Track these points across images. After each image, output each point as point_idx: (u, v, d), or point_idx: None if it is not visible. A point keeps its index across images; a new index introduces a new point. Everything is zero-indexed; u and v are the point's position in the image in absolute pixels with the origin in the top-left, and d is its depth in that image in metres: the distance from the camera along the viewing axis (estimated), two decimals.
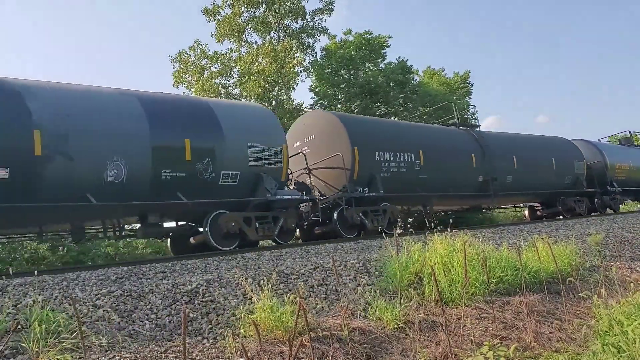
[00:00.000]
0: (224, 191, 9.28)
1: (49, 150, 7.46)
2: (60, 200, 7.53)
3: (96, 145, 7.90)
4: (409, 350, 4.72)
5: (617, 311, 4.77)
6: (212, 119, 9.34)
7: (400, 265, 6.17)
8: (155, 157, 8.42)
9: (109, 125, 8.12)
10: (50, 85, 8.20)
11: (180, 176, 8.68)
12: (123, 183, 8.09)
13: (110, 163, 7.98)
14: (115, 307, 4.81)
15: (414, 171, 12.37)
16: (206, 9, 24.00)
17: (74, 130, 7.74)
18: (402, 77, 27.99)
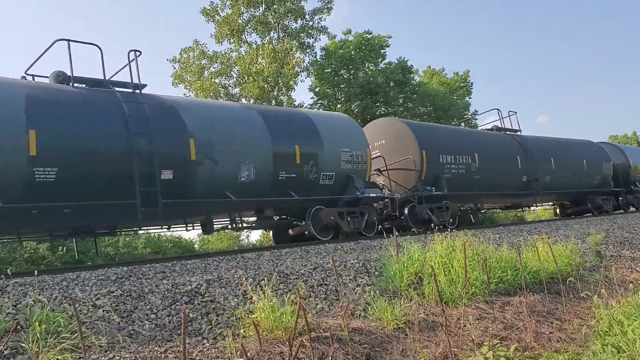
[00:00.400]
0: (323, 189, 10.91)
1: (201, 156, 8.97)
2: (206, 196, 9.13)
3: (234, 151, 9.51)
4: (409, 351, 4.72)
5: (617, 311, 4.77)
6: (313, 128, 11.12)
7: (400, 266, 6.17)
8: (275, 161, 10.06)
9: (242, 134, 9.80)
10: (195, 100, 10.99)
11: (292, 177, 10.32)
12: (252, 182, 9.70)
13: (243, 166, 9.58)
14: (115, 307, 4.81)
15: (470, 172, 13.90)
16: (205, 10, 23.98)
17: (218, 139, 9.32)
18: (402, 77, 27.97)
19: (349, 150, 11.32)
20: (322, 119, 11.67)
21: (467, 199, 14.46)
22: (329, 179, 10.93)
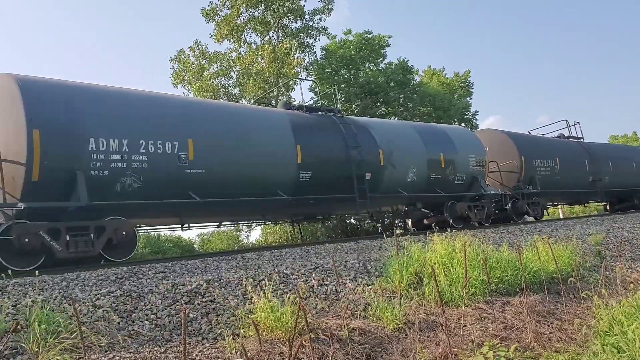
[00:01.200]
0: (456, 188, 14.09)
1: (385, 162, 12.39)
2: (387, 192, 12.52)
3: (405, 159, 12.90)
4: (409, 351, 4.72)
5: (617, 311, 4.76)
6: (449, 139, 14.45)
7: (400, 266, 6.17)
8: (428, 166, 13.39)
9: (408, 145, 13.27)
10: (377, 121, 14.45)
11: (438, 177, 13.61)
12: (414, 182, 13.07)
13: (410, 169, 12.92)
14: (115, 307, 4.80)
15: (553, 174, 17.07)
16: (204, 10, 23.96)
17: (395, 150, 12.71)
18: (402, 77, 27.97)
19: (474, 156, 14.53)
20: (453, 132, 15.16)
21: (550, 196, 17.80)
22: (460, 179, 14.15)
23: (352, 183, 11.38)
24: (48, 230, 7.24)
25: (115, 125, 8.19)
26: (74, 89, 8.26)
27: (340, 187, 11.29)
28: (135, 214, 8.64)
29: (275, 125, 10.88)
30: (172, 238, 18.83)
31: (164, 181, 8.62)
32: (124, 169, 8.13)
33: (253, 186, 9.93)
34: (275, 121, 11.04)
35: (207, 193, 9.10)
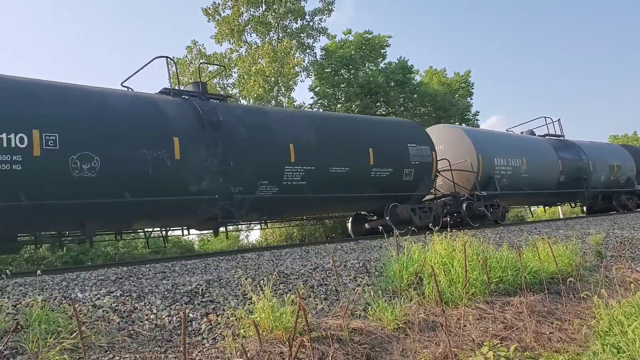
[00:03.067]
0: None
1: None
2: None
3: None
4: (409, 351, 4.72)
5: (617, 311, 4.76)
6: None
7: (400, 266, 6.17)
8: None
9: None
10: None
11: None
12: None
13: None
14: (115, 307, 4.80)
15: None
16: (206, 9, 23.96)
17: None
18: (403, 77, 27.98)
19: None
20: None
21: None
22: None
23: None
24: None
25: None
26: None
27: None
28: None
29: None
30: (172, 238, 18.84)
31: None
32: None
33: None
34: None
35: None
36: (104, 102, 8.14)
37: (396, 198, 11.72)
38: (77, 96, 7.97)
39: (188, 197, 8.56)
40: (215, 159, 8.84)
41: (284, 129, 10.21)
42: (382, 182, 11.52)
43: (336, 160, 10.66)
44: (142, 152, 8.07)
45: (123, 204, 7.92)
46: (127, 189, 7.92)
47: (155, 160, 8.16)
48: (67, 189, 7.36)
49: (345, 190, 10.85)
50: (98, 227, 8.54)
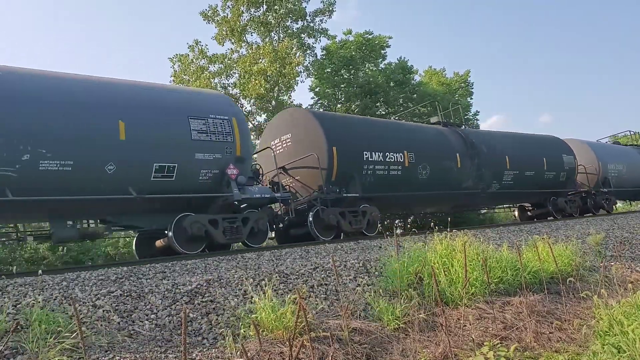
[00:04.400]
0: None
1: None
2: None
3: None
4: (409, 351, 4.72)
5: (617, 311, 4.77)
6: None
7: (400, 265, 6.17)
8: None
9: None
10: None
11: None
12: None
13: None
14: (115, 307, 4.81)
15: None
16: (204, 12, 23.95)
17: None
18: (402, 77, 28.00)
19: None
20: None
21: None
22: None
23: None
24: None
25: None
26: None
27: None
28: None
29: None
30: None
31: None
32: None
33: None
34: None
35: None
36: (427, 133, 13.73)
37: (554, 193, 16.31)
38: (421, 129, 14.03)
39: (463, 191, 13.82)
40: (474, 167, 14.01)
41: (502, 146, 15.16)
42: (549, 182, 16.39)
43: (528, 166, 15.59)
44: (445, 163, 13.22)
45: (435, 194, 12.99)
46: (439, 186, 12.99)
47: (449, 168, 13.29)
48: (410, 187, 12.29)
49: (533, 188, 15.88)
50: (420, 210, 16.43)
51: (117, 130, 7.77)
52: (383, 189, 11.56)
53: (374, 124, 12.98)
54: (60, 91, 7.60)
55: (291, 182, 11.25)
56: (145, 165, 8.06)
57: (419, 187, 12.40)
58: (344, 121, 12.17)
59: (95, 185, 7.61)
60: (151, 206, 8.33)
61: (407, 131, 13.24)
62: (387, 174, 11.67)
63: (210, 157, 8.74)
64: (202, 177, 8.74)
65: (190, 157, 8.51)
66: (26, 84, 7.38)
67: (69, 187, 7.37)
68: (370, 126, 12.38)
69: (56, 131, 7.22)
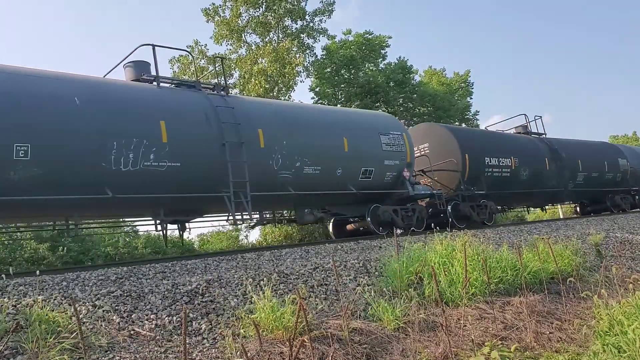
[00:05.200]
0: None
1: None
2: None
3: None
4: (409, 351, 4.72)
5: (617, 311, 4.77)
6: None
7: (400, 265, 6.17)
8: None
9: None
10: None
11: None
12: None
13: None
14: (115, 307, 4.80)
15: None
16: (206, 10, 23.93)
17: None
18: (402, 77, 28.00)
19: None
20: None
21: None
22: None
23: None
24: None
25: None
26: None
27: None
28: None
29: None
30: (172, 238, 18.85)
31: None
32: None
33: None
34: None
35: None
36: (525, 141, 16.96)
37: (612, 191, 18.93)
38: (520, 138, 17.27)
39: (551, 189, 16.84)
40: (557, 169, 16.87)
41: (575, 152, 18.10)
42: (608, 181, 19.05)
43: (594, 169, 18.39)
44: (538, 166, 16.15)
45: (532, 192, 16.21)
46: (535, 185, 16.15)
47: (541, 170, 16.25)
48: (515, 185, 15.47)
49: (597, 187, 18.62)
50: (519, 204, 18.64)
51: (342, 145, 10.89)
52: (497, 187, 14.69)
53: (490, 135, 16.57)
54: (315, 119, 11.12)
55: (429, 182, 14.01)
56: (357, 170, 11.09)
57: (522, 185, 15.69)
58: (470, 133, 16.40)
59: (330, 184, 10.69)
60: (355, 199, 11.28)
61: (511, 140, 16.74)
62: (500, 175, 14.83)
63: (392, 163, 11.77)
64: (386, 178, 11.71)
65: (381, 163, 11.53)
66: (300, 115, 10.93)
67: (318, 185, 10.44)
68: (487, 137, 15.98)
69: (314, 147, 10.35)
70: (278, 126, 10.02)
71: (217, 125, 8.97)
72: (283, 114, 10.47)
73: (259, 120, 9.77)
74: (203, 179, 8.74)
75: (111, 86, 8.45)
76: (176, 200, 8.63)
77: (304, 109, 11.70)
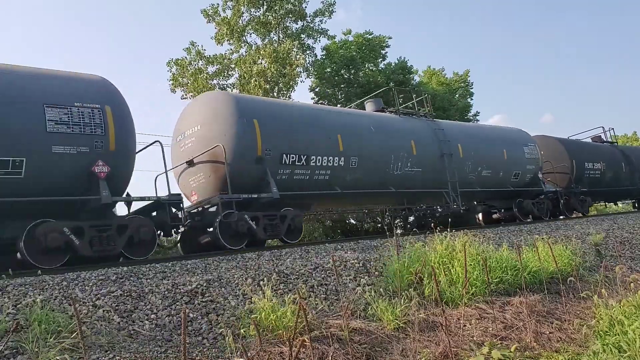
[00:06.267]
0: None
1: None
2: None
3: None
4: (409, 351, 4.72)
5: (617, 311, 4.77)
6: None
7: (400, 265, 6.17)
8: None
9: None
10: None
11: None
12: None
13: None
14: (115, 307, 4.80)
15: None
16: (205, 11, 23.89)
17: None
18: (402, 77, 27.98)
19: None
20: None
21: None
22: None
23: None
24: None
25: None
26: None
27: None
28: None
29: None
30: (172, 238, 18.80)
31: None
32: None
33: None
34: None
35: None
36: (608, 148, 21.47)
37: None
38: (603, 146, 21.57)
39: (626, 188, 20.57)
40: (628, 172, 20.66)
41: (638, 157, 21.77)
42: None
43: None
44: (617, 169, 20.10)
45: (614, 190, 20.42)
46: (615, 184, 20.10)
47: (619, 171, 20.40)
48: (603, 185, 19.62)
49: None
50: (605, 200, 23.47)
51: (503, 154, 15.23)
52: (592, 185, 18.67)
53: (588, 144, 21.30)
54: (486, 135, 15.73)
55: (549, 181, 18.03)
56: (511, 172, 15.37)
57: (607, 185, 19.76)
58: (577, 143, 20.44)
59: (502, 184, 15.11)
60: (503, 195, 15.30)
61: (600, 148, 21.01)
62: (595, 176, 19.05)
63: (532, 167, 16.07)
64: (526, 179, 15.94)
65: (524, 168, 15.78)
66: (477, 133, 15.72)
67: (491, 184, 14.83)
68: (585, 145, 20.58)
69: (487, 157, 14.72)
70: (468, 142, 14.25)
71: (438, 142, 13.25)
72: (469, 132, 15.00)
73: (457, 138, 13.91)
74: (432, 180, 12.96)
75: (383, 118, 12.95)
76: (417, 194, 13.14)
77: (480, 128, 17.08)
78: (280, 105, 11.53)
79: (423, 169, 12.62)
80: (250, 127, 9.66)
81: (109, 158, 7.76)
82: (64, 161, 7.32)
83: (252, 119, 9.75)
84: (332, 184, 10.92)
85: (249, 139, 9.60)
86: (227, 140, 9.35)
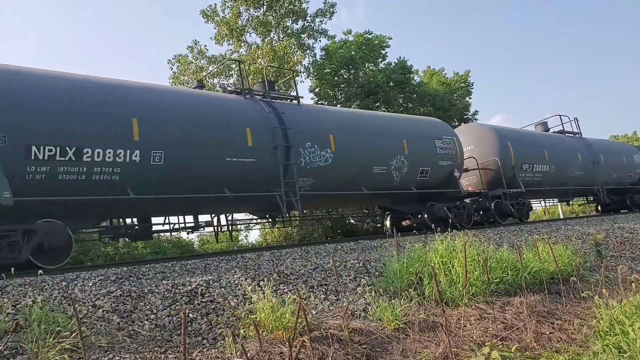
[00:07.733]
0: None
1: None
2: None
3: None
4: (409, 351, 4.71)
5: (618, 311, 4.76)
6: None
7: (400, 266, 6.16)
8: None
9: None
10: None
11: None
12: None
13: None
14: (114, 307, 4.80)
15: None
16: (204, 12, 23.90)
17: None
18: (402, 77, 27.97)
19: None
20: None
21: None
22: None
23: None
24: None
25: None
26: None
27: None
28: None
29: None
30: (172, 238, 18.84)
31: None
32: None
33: None
34: None
35: None
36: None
37: None
38: None
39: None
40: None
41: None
42: None
43: None
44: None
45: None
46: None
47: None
48: None
49: None
50: None
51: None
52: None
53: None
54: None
55: None
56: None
57: (554, 183, 17.32)
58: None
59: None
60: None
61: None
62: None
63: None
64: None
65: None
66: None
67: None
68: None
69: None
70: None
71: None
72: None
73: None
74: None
75: None
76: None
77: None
78: None
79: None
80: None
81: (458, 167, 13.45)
82: None
83: None
84: None
85: None
86: None
